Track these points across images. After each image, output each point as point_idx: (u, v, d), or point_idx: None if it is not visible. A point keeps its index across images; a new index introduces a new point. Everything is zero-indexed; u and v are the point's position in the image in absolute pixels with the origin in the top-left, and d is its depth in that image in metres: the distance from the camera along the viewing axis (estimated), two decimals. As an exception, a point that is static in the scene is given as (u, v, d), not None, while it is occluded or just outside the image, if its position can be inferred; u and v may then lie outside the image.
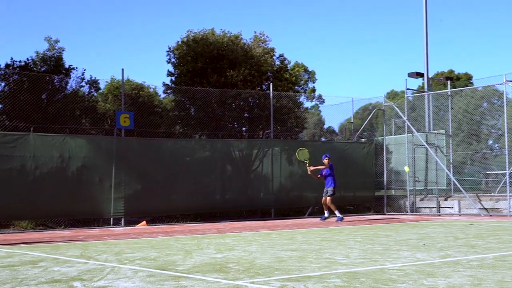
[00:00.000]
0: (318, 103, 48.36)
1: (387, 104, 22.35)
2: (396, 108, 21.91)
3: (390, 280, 5.14)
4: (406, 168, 20.15)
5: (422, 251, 7.59)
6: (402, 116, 21.50)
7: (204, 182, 18.24)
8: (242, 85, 20.59)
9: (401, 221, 15.89)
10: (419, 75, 31.41)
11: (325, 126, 48.24)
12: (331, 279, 5.25)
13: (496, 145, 42.47)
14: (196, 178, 18.03)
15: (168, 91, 21.09)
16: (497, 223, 14.15)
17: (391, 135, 23.29)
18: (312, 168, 16.70)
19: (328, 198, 16.43)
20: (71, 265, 6.68)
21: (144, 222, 16.63)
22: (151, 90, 23.48)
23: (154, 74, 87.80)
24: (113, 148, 16.55)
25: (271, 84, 19.99)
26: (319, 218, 17.17)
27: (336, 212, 16.42)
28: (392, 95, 76.70)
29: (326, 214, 16.69)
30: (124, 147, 16.73)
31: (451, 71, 54.10)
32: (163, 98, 23.56)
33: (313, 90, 45.95)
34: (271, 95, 19.78)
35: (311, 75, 45.53)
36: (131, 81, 24.40)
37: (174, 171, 17.76)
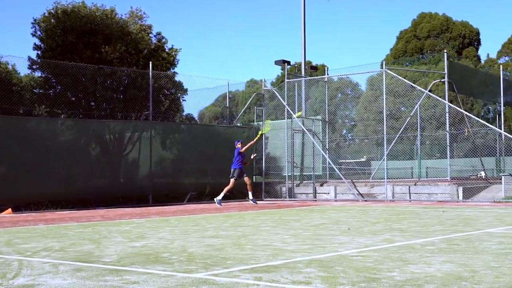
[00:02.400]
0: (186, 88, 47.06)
1: (266, 88, 22.01)
2: (277, 93, 21.65)
3: (371, 268, 4.53)
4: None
5: (362, 236, 7.12)
6: (282, 101, 21.29)
7: (75, 167, 16.69)
8: (118, 63, 19.22)
9: (289, 206, 15.56)
10: (286, 62, 31.61)
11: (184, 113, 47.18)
12: (301, 268, 4.54)
13: (350, 134, 44.18)
14: (67, 162, 16.44)
15: (34, 67, 19.13)
16: (387, 207, 14.24)
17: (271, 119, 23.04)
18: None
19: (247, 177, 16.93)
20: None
21: (9, 210, 14.87)
22: (10, 67, 21.42)
23: (16, 48, 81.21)
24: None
25: (150, 62, 18.81)
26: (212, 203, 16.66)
27: (250, 194, 16.94)
28: (252, 84, 77.60)
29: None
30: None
31: (309, 62, 55.47)
32: (27, 74, 21.52)
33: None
34: (150, 74, 18.61)
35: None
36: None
37: (42, 153, 16.07)
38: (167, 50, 21.59)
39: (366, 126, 46.70)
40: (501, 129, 20.69)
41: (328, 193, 21.02)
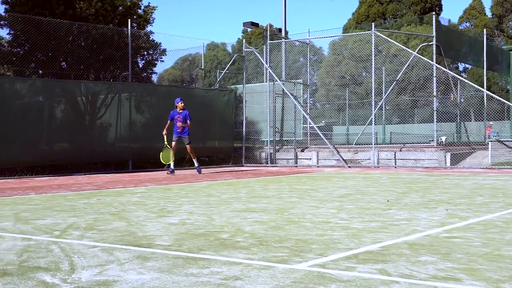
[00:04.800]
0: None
1: (247, 50, 21.11)
2: (258, 55, 20.79)
3: (497, 256, 3.91)
4: None
5: (415, 209, 6.51)
6: (264, 63, 20.48)
7: (50, 131, 15.60)
8: (94, 20, 17.98)
9: (284, 174, 14.91)
10: (254, 25, 30.69)
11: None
12: (415, 256, 3.87)
13: (311, 99, 43.66)
14: (40, 126, 15.35)
15: (2, 22, 17.70)
16: (391, 174, 13.74)
17: (248, 83, 22.25)
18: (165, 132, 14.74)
19: (189, 146, 14.76)
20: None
21: (-17, 176, 13.81)
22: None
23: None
24: None
25: (129, 20, 17.64)
26: (167, 171, 15.23)
27: (195, 162, 14.99)
28: (212, 47, 76.00)
29: (172, 166, 14.87)
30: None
31: (271, 25, 54.52)
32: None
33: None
34: (129, 32, 17.48)
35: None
36: None
37: (14, 117, 14.95)
38: (143, 8, 20.39)
39: (328, 91, 46.32)
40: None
41: (310, 158, 20.50)
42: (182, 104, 14.72)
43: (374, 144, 18.79)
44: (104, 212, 6.62)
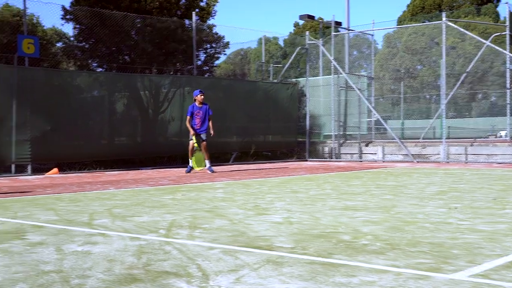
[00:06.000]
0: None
1: (311, 42, 20.67)
2: (322, 47, 20.35)
3: None
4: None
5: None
6: (329, 56, 20.01)
7: (112, 124, 15.54)
8: (158, 13, 17.84)
9: (356, 169, 14.46)
10: (310, 18, 30.14)
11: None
12: None
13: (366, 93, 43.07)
14: (102, 119, 15.31)
15: (68, 16, 17.71)
16: (470, 170, 13.14)
17: (318, 76, 21.88)
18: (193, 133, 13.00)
19: (205, 143, 13.02)
20: (96, 242, 4.28)
21: (55, 169, 13.84)
22: (34, 20, 20.24)
23: None
24: (15, 80, 13.40)
25: (193, 12, 17.44)
26: (184, 169, 14.03)
27: (207, 162, 13.21)
28: (264, 41, 75.71)
29: (191, 164, 13.00)
30: (28, 79, 13.65)
31: (321, 18, 53.82)
32: (51, 28, 20.24)
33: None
34: (193, 24, 17.32)
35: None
36: (10, 6, 20.81)
37: (86, 110, 14.99)
38: (205, 1, 20.16)
39: (381, 85, 45.40)
40: None
41: (375, 153, 19.97)
42: (202, 97, 12.99)
43: (444, 139, 18.10)
44: (197, 208, 6.35)
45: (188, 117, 13.02)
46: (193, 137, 12.89)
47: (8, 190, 9.10)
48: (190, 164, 13.01)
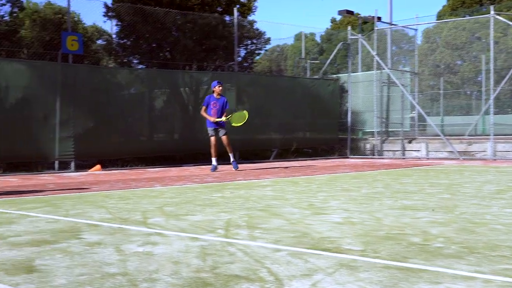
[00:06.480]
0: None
1: (353, 37, 20.35)
2: (364, 42, 20.02)
3: None
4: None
5: None
6: (371, 51, 19.66)
7: (152, 120, 15.49)
8: (199, 10, 17.76)
9: (402, 166, 14.13)
10: (349, 13, 29.72)
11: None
12: None
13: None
14: (142, 115, 15.26)
15: (110, 14, 17.75)
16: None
17: (357, 72, 21.55)
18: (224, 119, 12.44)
19: (226, 137, 12.44)
20: (168, 243, 4.14)
21: (98, 166, 13.86)
22: (75, 18, 20.43)
23: None
24: (59, 77, 13.45)
25: (235, 8, 17.29)
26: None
27: (231, 156, 12.71)
28: (301, 37, 75.40)
29: (215, 162, 12.53)
30: (72, 76, 13.69)
31: (357, 14, 53.18)
32: (91, 25, 20.38)
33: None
34: (235, 20, 17.16)
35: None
36: (52, 4, 21.03)
37: (128, 106, 14.99)
38: (245, -4, 20.03)
39: (420, 80, 44.60)
40: None
41: (419, 150, 19.58)
42: (220, 88, 12.38)
43: (492, 136, 17.60)
44: (250, 207, 6.18)
45: (204, 107, 12.43)
46: (212, 131, 12.38)
47: (55, 187, 9.08)
48: (214, 162, 12.52)
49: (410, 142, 19.99)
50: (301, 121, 18.79)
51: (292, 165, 15.03)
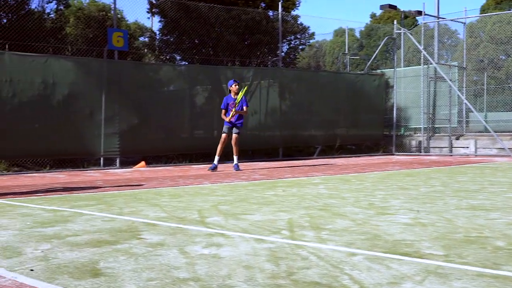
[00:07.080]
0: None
1: (398, 31, 19.88)
2: (411, 37, 19.54)
3: None
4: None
5: None
6: (418, 46, 19.18)
7: (193, 116, 15.32)
8: (243, 5, 17.55)
9: (453, 164, 13.69)
10: (392, 7, 29.10)
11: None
12: None
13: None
14: (184, 112, 15.10)
15: (154, 10, 17.66)
16: None
17: (399, 67, 21.08)
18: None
19: (236, 136, 11.86)
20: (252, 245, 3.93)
21: (143, 163, 13.79)
22: (119, 15, 20.47)
23: None
24: (104, 73, 13.40)
25: (279, 3, 17.02)
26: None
27: (235, 158, 12.02)
28: (340, 33, 74.67)
29: (216, 162, 11.85)
30: (117, 73, 13.63)
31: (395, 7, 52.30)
32: (134, 22, 20.37)
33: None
34: (279, 15, 16.90)
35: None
36: (96, 1, 21.06)
37: (173, 102, 14.88)
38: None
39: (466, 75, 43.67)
40: None
41: (467, 147, 19.02)
42: (237, 87, 11.81)
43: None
44: (308, 206, 5.93)
45: (223, 110, 11.91)
46: (227, 129, 11.84)
47: (104, 184, 8.98)
48: (216, 161, 11.88)
49: (457, 138, 19.47)
50: (345, 117, 18.45)
51: (337, 162, 14.72)
